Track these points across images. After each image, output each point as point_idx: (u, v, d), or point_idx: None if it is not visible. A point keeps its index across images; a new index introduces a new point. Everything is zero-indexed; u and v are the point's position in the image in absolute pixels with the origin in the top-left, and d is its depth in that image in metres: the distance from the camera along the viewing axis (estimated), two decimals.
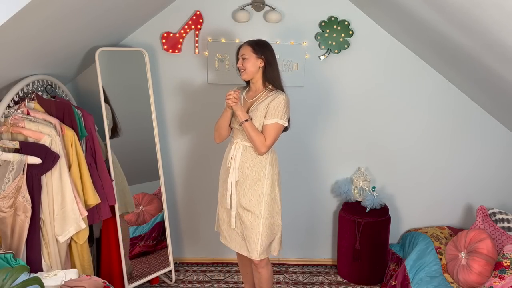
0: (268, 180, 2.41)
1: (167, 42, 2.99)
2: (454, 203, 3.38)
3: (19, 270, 1.69)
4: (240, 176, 2.40)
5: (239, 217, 2.44)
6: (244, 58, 2.36)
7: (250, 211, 2.39)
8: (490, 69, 2.45)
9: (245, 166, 2.39)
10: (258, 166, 2.39)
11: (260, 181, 2.39)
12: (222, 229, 2.56)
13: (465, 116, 3.22)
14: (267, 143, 2.32)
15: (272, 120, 2.33)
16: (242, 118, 2.31)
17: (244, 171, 2.39)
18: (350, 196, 3.24)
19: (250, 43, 2.40)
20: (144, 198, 2.95)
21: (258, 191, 2.39)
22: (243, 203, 2.40)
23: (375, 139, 3.26)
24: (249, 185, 2.39)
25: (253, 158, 2.39)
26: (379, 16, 2.99)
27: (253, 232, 2.40)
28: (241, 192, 2.40)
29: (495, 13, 1.80)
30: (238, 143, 2.41)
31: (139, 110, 2.92)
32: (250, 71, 2.37)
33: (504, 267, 2.44)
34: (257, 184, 2.39)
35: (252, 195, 2.39)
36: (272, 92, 2.39)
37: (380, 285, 3.18)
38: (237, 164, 2.40)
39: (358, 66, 3.13)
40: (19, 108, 2.23)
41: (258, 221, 2.39)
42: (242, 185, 2.40)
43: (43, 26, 1.94)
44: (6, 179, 2.04)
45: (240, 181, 2.40)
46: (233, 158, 2.41)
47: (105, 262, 2.81)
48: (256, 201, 2.39)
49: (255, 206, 2.39)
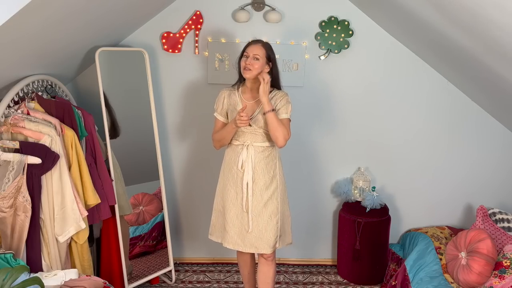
0: (280, 176, 2.47)
1: (167, 42, 2.99)
2: (454, 203, 3.38)
3: (19, 270, 1.69)
4: (255, 177, 2.41)
5: (256, 218, 2.43)
6: (257, 58, 2.35)
7: (267, 210, 2.41)
8: (490, 69, 2.45)
9: (260, 165, 2.41)
10: (271, 164, 2.43)
11: (275, 179, 2.44)
12: (230, 234, 2.48)
13: (465, 115, 3.22)
14: (288, 136, 2.37)
15: (285, 115, 2.40)
16: (268, 108, 2.31)
17: (257, 171, 2.40)
18: (350, 196, 3.24)
19: (264, 45, 2.40)
20: (144, 198, 2.95)
21: (273, 189, 2.43)
22: (260, 203, 2.41)
23: (375, 139, 3.26)
24: (265, 184, 2.41)
25: (265, 157, 2.42)
26: (379, 16, 2.99)
27: (268, 228, 2.42)
28: (258, 192, 2.41)
29: (495, 13, 1.80)
30: (249, 145, 2.41)
31: (139, 110, 2.92)
32: (256, 72, 2.36)
33: (504, 267, 2.44)
34: (273, 182, 2.43)
35: (270, 194, 2.41)
36: (273, 91, 2.44)
37: (380, 285, 3.18)
38: (250, 165, 2.39)
39: (358, 66, 3.13)
40: (19, 108, 2.23)
41: (274, 218, 2.42)
42: (258, 185, 2.41)
43: (43, 26, 1.94)
44: (6, 179, 2.04)
45: (256, 182, 2.41)
46: (247, 160, 2.39)
47: (105, 262, 2.81)
48: (273, 199, 2.42)
49: (272, 204, 2.42)
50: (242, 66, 2.39)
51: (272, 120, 2.31)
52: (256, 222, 2.43)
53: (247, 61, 2.36)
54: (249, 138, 2.41)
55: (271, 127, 2.33)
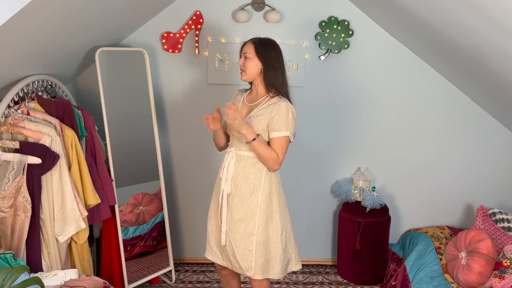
0: (263, 193, 2.15)
1: (167, 42, 2.99)
2: (454, 203, 3.38)
3: (19, 270, 1.69)
4: (233, 188, 2.17)
5: (230, 233, 2.20)
6: (247, 57, 2.14)
7: (242, 227, 2.16)
8: (490, 69, 2.45)
9: (238, 177, 2.16)
10: (253, 177, 2.15)
11: (254, 194, 2.14)
12: (210, 244, 2.33)
13: (465, 115, 3.22)
14: (280, 159, 2.09)
15: (281, 133, 2.09)
16: (249, 138, 2.05)
17: (237, 182, 2.16)
18: (350, 196, 3.24)
19: (254, 41, 2.16)
20: (144, 198, 2.95)
21: (252, 205, 2.15)
22: (234, 218, 2.17)
23: (375, 139, 3.26)
24: (242, 198, 2.15)
25: (247, 168, 2.15)
26: (379, 16, 2.99)
27: (246, 249, 2.16)
28: (233, 206, 2.17)
29: (495, 13, 1.80)
30: (232, 151, 2.19)
31: (139, 110, 2.92)
32: (250, 73, 2.14)
33: (504, 267, 2.44)
34: (251, 197, 2.15)
35: (245, 209, 2.15)
36: (275, 98, 2.14)
37: (380, 285, 3.18)
38: (229, 175, 2.16)
39: (358, 66, 3.13)
40: (19, 108, 2.23)
41: (250, 238, 2.15)
42: (234, 198, 2.17)
43: (43, 26, 1.94)
44: (6, 179, 2.03)
45: (232, 194, 2.17)
46: (226, 169, 2.18)
47: (105, 262, 2.81)
48: (250, 216, 2.15)
49: (248, 221, 2.15)
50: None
51: (257, 149, 2.08)
52: (229, 237, 2.20)
53: (239, 63, 2.18)
54: (235, 145, 2.20)
55: (258, 155, 2.11)
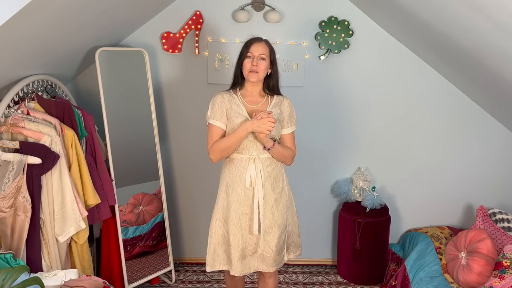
0: (288, 187, 2.29)
1: (167, 42, 2.99)
2: (454, 203, 3.38)
3: (19, 270, 1.69)
4: (265, 192, 2.16)
5: (267, 236, 2.18)
6: (264, 58, 2.11)
7: (277, 227, 2.19)
8: (490, 69, 2.45)
9: (267, 181, 2.16)
10: (279, 176, 2.22)
11: (284, 191, 2.24)
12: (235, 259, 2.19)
13: (465, 115, 3.22)
14: (295, 153, 2.22)
15: (291, 129, 2.24)
16: (270, 144, 2.10)
17: (267, 187, 2.16)
18: (350, 196, 3.24)
19: (268, 43, 2.17)
20: (144, 198, 2.95)
21: (283, 203, 2.22)
22: (271, 221, 2.17)
23: (375, 139, 3.26)
24: (276, 200, 2.19)
25: (272, 168, 2.19)
26: (379, 16, 2.99)
27: (277, 249, 2.20)
28: (269, 210, 2.16)
29: (496, 13, 1.80)
30: (256, 157, 2.14)
31: (139, 110, 2.92)
32: (262, 75, 2.14)
33: (504, 267, 2.44)
34: (282, 196, 2.22)
35: (280, 209, 2.20)
36: (276, 97, 2.24)
37: (380, 285, 3.18)
38: (260, 182, 2.12)
39: (358, 66, 3.13)
40: (19, 108, 2.23)
41: (283, 234, 2.22)
42: (269, 202, 2.16)
43: (43, 26, 1.94)
44: (6, 179, 2.03)
45: (264, 200, 2.16)
46: (257, 177, 2.12)
47: (105, 262, 2.81)
48: (283, 213, 2.21)
49: (282, 219, 2.21)
50: (248, 68, 2.12)
51: (278, 152, 2.14)
52: (265, 242, 2.19)
53: (253, 62, 2.10)
54: (255, 150, 2.14)
55: (277, 157, 2.17)
